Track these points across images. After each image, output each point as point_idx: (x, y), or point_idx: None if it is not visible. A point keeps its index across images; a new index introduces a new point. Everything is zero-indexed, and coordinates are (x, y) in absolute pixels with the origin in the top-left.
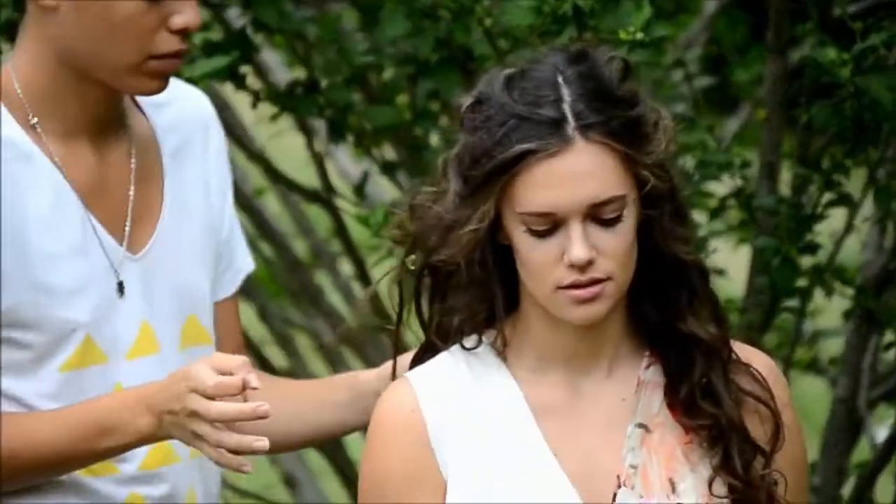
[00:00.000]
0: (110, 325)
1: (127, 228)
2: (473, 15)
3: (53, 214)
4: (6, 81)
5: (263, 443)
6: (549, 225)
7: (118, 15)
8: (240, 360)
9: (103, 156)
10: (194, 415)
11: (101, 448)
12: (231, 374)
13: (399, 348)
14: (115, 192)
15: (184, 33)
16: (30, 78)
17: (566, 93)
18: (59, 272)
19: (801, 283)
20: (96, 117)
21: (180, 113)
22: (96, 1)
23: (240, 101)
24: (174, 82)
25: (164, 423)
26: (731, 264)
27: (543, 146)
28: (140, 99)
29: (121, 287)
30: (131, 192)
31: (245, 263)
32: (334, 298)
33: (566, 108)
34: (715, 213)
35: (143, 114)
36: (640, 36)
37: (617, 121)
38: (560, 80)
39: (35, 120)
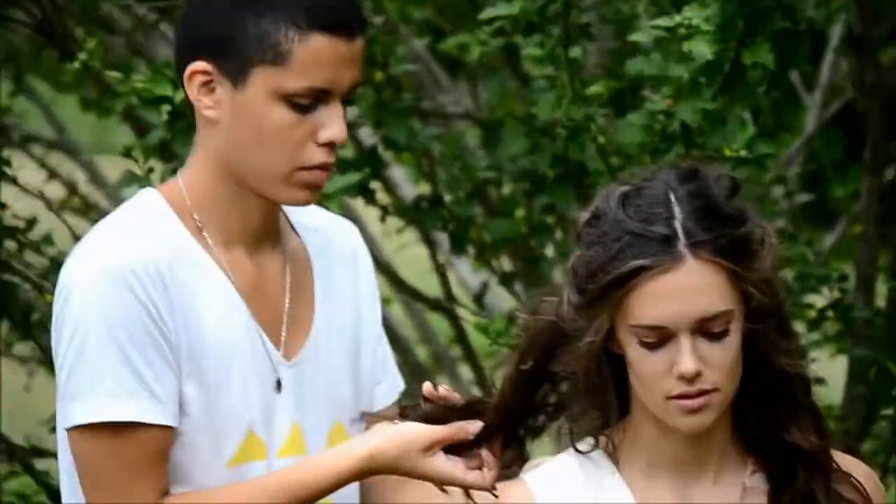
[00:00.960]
0: (270, 422)
1: (283, 336)
2: (588, 133)
3: (224, 316)
4: (176, 190)
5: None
6: (660, 338)
7: (269, 126)
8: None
9: (261, 267)
10: (425, 478)
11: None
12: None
13: (523, 454)
14: (273, 302)
15: (331, 146)
16: (196, 187)
17: (677, 210)
18: (233, 369)
19: None
20: (254, 228)
21: (331, 238)
22: (250, 113)
23: (369, 215)
24: (327, 213)
25: (378, 449)
26: (829, 373)
27: (656, 262)
28: (295, 222)
29: (279, 385)
30: (286, 303)
31: (398, 380)
32: None
33: (677, 225)
34: (814, 324)
35: (298, 235)
36: (743, 153)
37: (725, 238)
38: (672, 197)
39: (202, 227)
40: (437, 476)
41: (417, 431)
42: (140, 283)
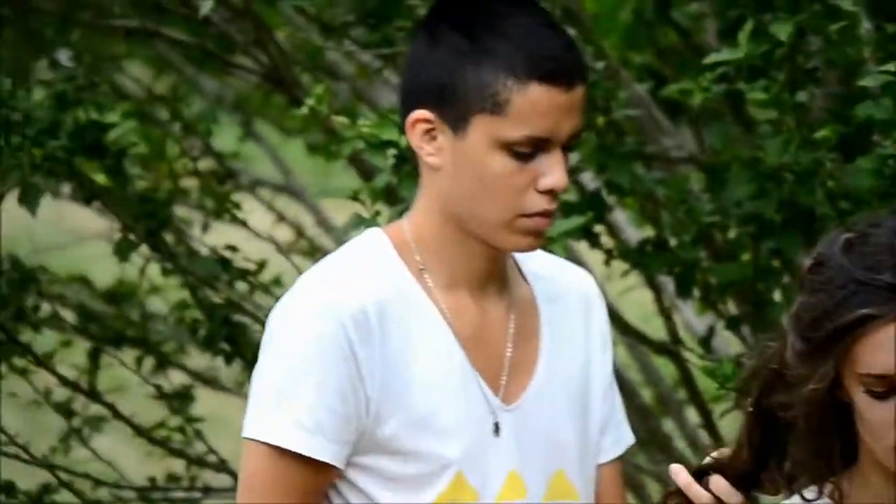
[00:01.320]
0: (483, 465)
1: (503, 381)
2: (816, 178)
3: (438, 359)
4: (400, 231)
5: None
6: (890, 386)
7: (490, 174)
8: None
9: (484, 311)
10: None
11: None
12: None
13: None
14: (494, 347)
15: (552, 193)
16: (421, 231)
17: None
18: (441, 410)
19: None
20: (478, 272)
21: (563, 286)
22: (471, 161)
23: (593, 259)
24: (560, 261)
25: None
26: None
27: (884, 312)
28: (525, 270)
29: (496, 428)
30: (509, 349)
31: (627, 434)
32: (681, 445)
33: None
34: None
35: (527, 283)
36: None
37: None
38: None
39: (423, 270)
40: None
41: None
42: (347, 323)
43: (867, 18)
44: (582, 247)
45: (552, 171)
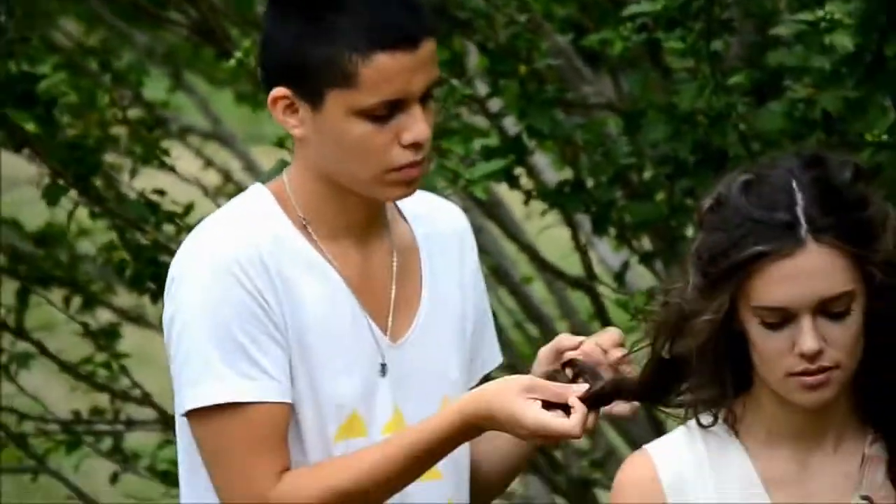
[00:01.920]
0: (372, 402)
1: (389, 320)
2: (729, 121)
3: (329, 304)
4: (282, 188)
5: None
6: (782, 318)
7: (352, 140)
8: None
9: (367, 256)
10: (515, 419)
11: (423, 456)
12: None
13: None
14: (380, 289)
15: (416, 146)
16: (299, 188)
17: (800, 197)
18: (334, 353)
19: None
20: (358, 221)
21: (439, 225)
22: (332, 131)
23: (512, 199)
24: (436, 199)
25: (489, 406)
26: None
27: (777, 248)
28: (404, 211)
29: (383, 368)
30: (393, 289)
31: (492, 356)
32: None
33: (799, 212)
34: None
35: (406, 222)
36: (885, 138)
37: (847, 223)
38: (794, 185)
39: (306, 223)
40: (529, 416)
41: (518, 376)
42: (246, 273)
43: None
44: (503, 188)
45: (412, 126)
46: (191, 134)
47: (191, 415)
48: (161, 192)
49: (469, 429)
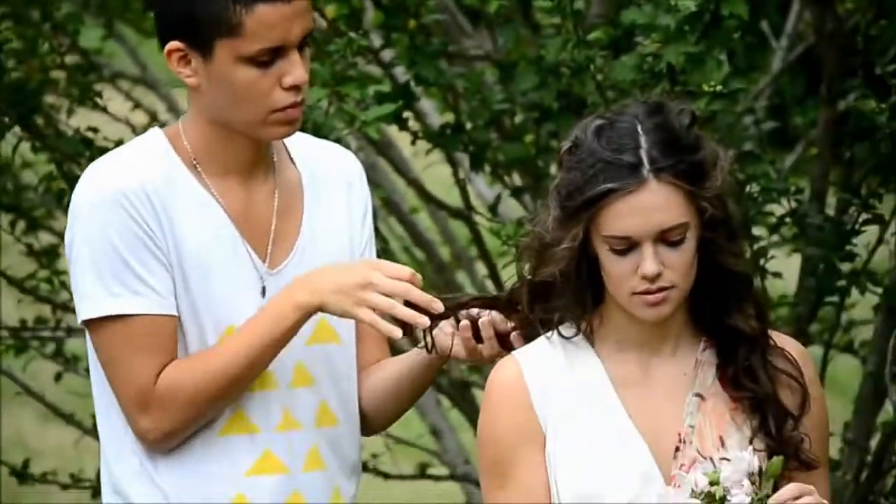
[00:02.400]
0: None
1: (269, 250)
2: (588, 72)
3: (211, 234)
4: (177, 132)
5: (424, 320)
6: (627, 245)
7: (240, 85)
8: (411, 272)
9: (251, 193)
10: (369, 286)
11: (272, 338)
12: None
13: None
14: (261, 222)
15: (296, 88)
16: (192, 132)
17: (643, 141)
18: (214, 277)
19: (841, 283)
20: (244, 160)
21: (327, 168)
22: (221, 77)
23: (401, 139)
24: (331, 146)
25: (323, 292)
26: (785, 268)
27: (624, 185)
28: (294, 155)
29: (263, 291)
30: (273, 223)
31: None
32: (471, 293)
33: (643, 154)
34: (774, 229)
35: (295, 166)
36: (720, 88)
37: (683, 164)
38: (639, 129)
39: (196, 163)
40: (366, 275)
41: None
42: (132, 204)
43: None
44: (393, 129)
45: (292, 70)
46: (121, 78)
47: (87, 325)
48: (94, 130)
49: (308, 302)
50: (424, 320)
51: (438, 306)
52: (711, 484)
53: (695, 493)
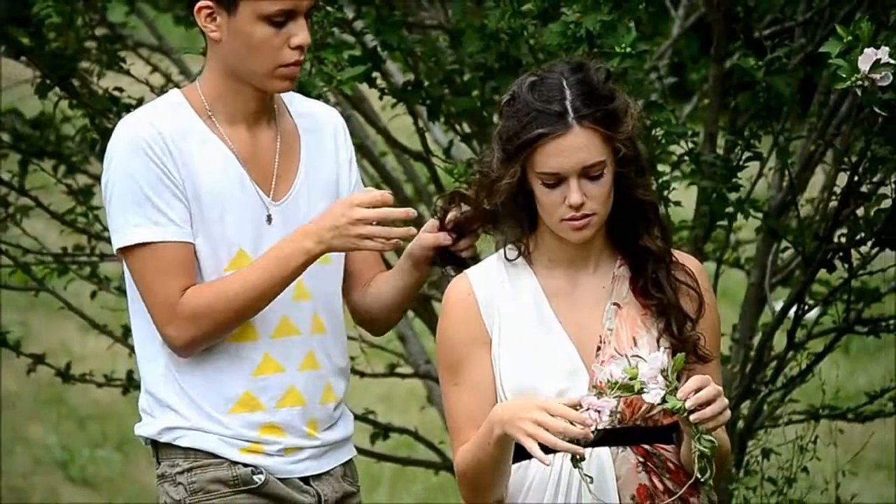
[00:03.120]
0: (260, 244)
1: (273, 186)
2: (523, 37)
3: (221, 172)
4: (194, 90)
5: (413, 231)
6: (556, 180)
7: (256, 39)
8: (381, 192)
9: (257, 138)
10: (358, 222)
11: (282, 275)
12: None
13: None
14: (265, 163)
15: (300, 49)
16: (208, 87)
17: (568, 94)
18: (225, 208)
19: (729, 210)
20: (252, 110)
21: (317, 120)
22: (242, 32)
23: (372, 95)
24: (320, 104)
25: (325, 239)
26: (684, 198)
27: (553, 130)
28: (291, 110)
29: (269, 218)
30: (276, 162)
31: None
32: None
33: (568, 104)
34: (675, 166)
35: (292, 118)
36: (629, 50)
37: (601, 112)
38: (564, 84)
39: (210, 113)
40: (362, 209)
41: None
42: (152, 150)
43: None
44: (364, 87)
45: (299, 33)
46: (141, 47)
47: (121, 253)
48: (120, 90)
49: (315, 240)
50: (413, 231)
51: (413, 213)
52: (631, 378)
53: (609, 382)
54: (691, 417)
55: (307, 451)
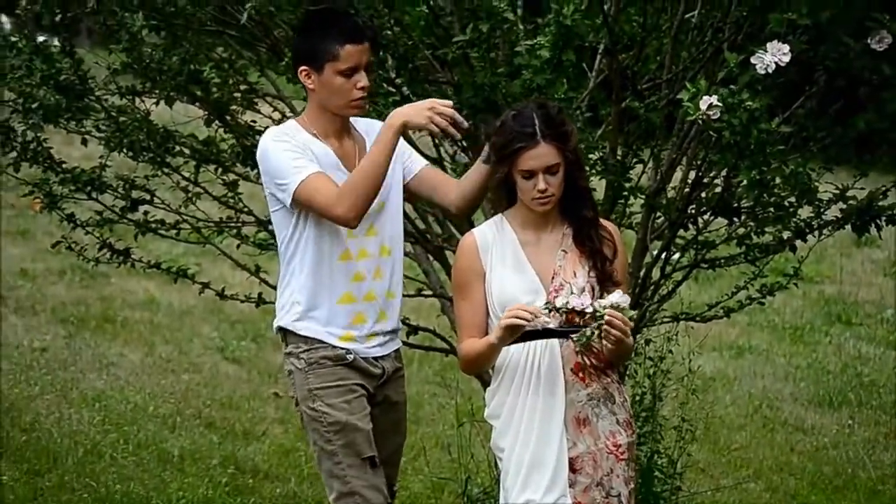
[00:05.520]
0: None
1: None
2: (499, 88)
3: (330, 166)
4: (302, 121)
5: (465, 123)
6: (530, 175)
7: (335, 86)
8: (449, 102)
9: (343, 146)
10: (433, 108)
11: (387, 148)
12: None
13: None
14: (352, 161)
15: (363, 89)
16: (309, 118)
17: (537, 121)
18: (330, 177)
19: (625, 193)
20: (337, 128)
21: (373, 132)
22: (327, 84)
23: None
24: (370, 120)
25: (404, 113)
26: (598, 187)
27: (527, 144)
28: (358, 128)
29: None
30: (357, 159)
31: (415, 164)
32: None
33: (537, 128)
34: (591, 167)
35: (358, 132)
36: (563, 96)
37: (557, 132)
38: (535, 115)
39: (314, 132)
40: (429, 104)
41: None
42: (287, 135)
43: None
44: None
45: (362, 80)
46: (268, 96)
47: (294, 194)
48: (254, 121)
49: (394, 123)
50: (465, 123)
51: (466, 125)
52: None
53: (553, 305)
54: (605, 318)
55: (378, 337)
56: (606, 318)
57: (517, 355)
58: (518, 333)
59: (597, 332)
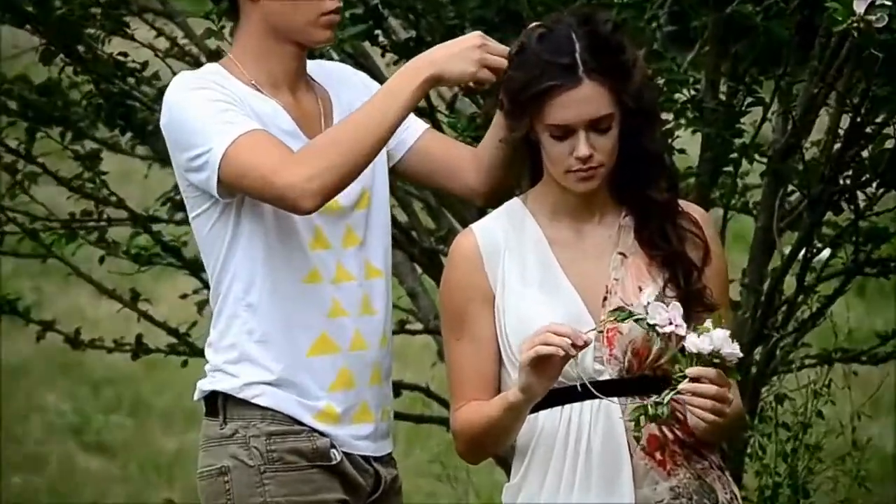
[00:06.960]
0: None
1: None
2: None
3: (272, 121)
4: (230, 62)
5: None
6: (564, 132)
7: None
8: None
9: (300, 101)
10: (482, 46)
11: (393, 112)
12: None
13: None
14: (312, 117)
15: None
16: (244, 55)
17: (578, 46)
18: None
19: (734, 155)
20: (291, 71)
21: (343, 77)
22: None
23: (375, 52)
24: (336, 64)
25: (438, 62)
26: (689, 146)
27: (562, 82)
28: (316, 78)
29: None
30: (322, 122)
31: (420, 124)
32: None
33: (577, 57)
34: (678, 114)
35: (321, 85)
36: (626, 0)
37: (609, 65)
38: (574, 36)
39: (254, 83)
40: (476, 40)
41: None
42: (213, 81)
43: None
44: (367, 45)
45: None
46: (146, 12)
47: (220, 162)
48: (125, 55)
49: (422, 59)
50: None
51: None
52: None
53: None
54: (681, 386)
55: (370, 418)
56: (685, 385)
57: (551, 425)
58: (551, 376)
59: (669, 402)
